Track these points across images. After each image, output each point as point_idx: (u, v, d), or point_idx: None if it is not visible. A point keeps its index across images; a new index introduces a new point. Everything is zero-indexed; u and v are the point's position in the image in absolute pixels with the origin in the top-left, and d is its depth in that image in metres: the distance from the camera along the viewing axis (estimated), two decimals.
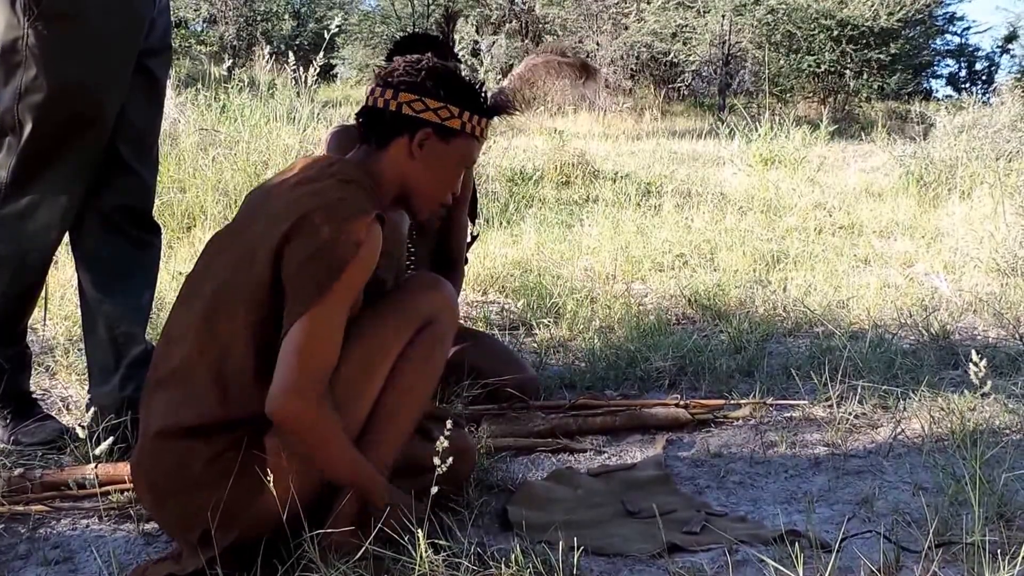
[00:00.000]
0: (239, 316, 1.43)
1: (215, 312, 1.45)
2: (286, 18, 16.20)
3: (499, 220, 4.88)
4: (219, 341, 1.43)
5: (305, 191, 1.48)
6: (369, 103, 1.59)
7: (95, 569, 1.57)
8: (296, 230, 1.42)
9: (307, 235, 1.41)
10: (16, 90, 1.87)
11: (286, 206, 1.46)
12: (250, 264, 1.44)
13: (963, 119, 6.52)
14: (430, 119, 1.56)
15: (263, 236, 1.45)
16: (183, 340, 1.47)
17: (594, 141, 8.64)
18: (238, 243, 1.50)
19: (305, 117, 5.06)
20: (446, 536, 1.54)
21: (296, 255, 1.41)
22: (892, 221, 5.09)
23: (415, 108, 1.56)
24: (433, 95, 1.56)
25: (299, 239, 1.41)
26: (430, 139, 1.57)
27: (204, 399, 1.42)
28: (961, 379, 2.45)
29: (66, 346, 2.66)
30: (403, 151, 1.57)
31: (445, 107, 1.57)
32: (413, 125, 1.56)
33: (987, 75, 15.66)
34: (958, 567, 1.50)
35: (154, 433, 1.45)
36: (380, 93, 1.57)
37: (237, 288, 1.45)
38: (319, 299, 1.39)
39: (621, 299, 3.32)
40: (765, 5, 12.52)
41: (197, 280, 1.53)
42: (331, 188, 1.48)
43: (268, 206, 1.51)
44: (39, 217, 1.95)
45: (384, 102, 1.56)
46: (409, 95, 1.55)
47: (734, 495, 1.89)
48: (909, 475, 1.95)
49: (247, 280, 1.44)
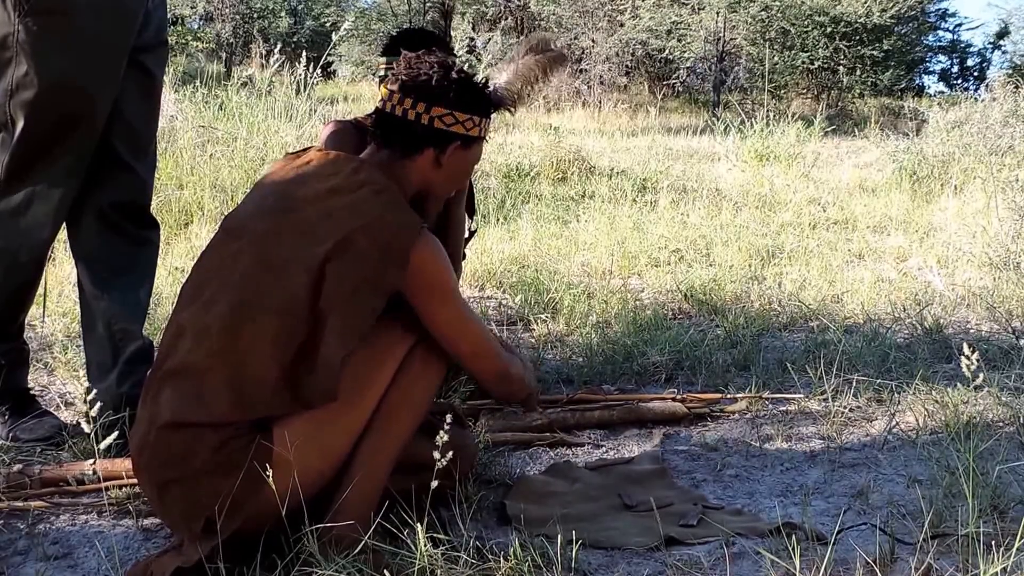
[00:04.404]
0: (266, 326, 1.42)
1: (239, 319, 1.44)
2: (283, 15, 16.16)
3: (496, 216, 4.88)
4: (240, 347, 1.43)
5: (340, 204, 1.49)
6: (396, 113, 1.59)
7: (94, 564, 1.58)
8: (338, 251, 1.44)
9: (353, 259, 1.44)
10: (7, 87, 1.86)
11: (320, 220, 1.47)
12: (281, 276, 1.44)
13: (956, 115, 6.54)
14: (458, 132, 1.60)
15: (296, 250, 1.45)
16: (199, 338, 1.45)
17: (590, 137, 8.64)
18: (262, 250, 1.48)
19: (303, 114, 5.06)
20: (445, 530, 1.55)
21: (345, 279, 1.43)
22: (886, 216, 5.11)
23: (446, 122, 1.59)
24: (462, 108, 1.60)
25: (344, 262, 1.44)
26: (457, 149, 1.61)
27: (216, 401, 1.42)
28: (955, 372, 2.47)
29: (64, 342, 2.65)
30: (430, 161, 1.60)
31: (471, 119, 1.61)
32: (444, 138, 1.60)
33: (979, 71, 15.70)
34: (953, 558, 1.51)
35: (161, 425, 1.44)
36: (411, 104, 1.58)
37: (265, 298, 1.44)
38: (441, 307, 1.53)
39: (618, 294, 3.33)
40: (759, 2, 12.54)
41: (211, 276, 1.51)
42: (367, 202, 1.49)
43: (295, 215, 1.50)
44: (32, 214, 1.94)
45: (415, 115, 1.58)
46: (441, 109, 1.58)
47: (731, 488, 1.91)
48: (904, 468, 1.96)
49: (277, 292, 1.44)
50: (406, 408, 1.54)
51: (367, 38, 14.78)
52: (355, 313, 1.44)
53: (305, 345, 1.42)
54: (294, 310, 1.43)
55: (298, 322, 1.43)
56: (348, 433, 1.50)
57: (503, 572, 1.43)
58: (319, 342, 1.42)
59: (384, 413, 1.52)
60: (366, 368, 1.50)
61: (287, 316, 1.43)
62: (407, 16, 13.44)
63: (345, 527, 1.45)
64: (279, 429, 1.43)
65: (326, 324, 1.42)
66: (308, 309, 1.43)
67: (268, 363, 1.42)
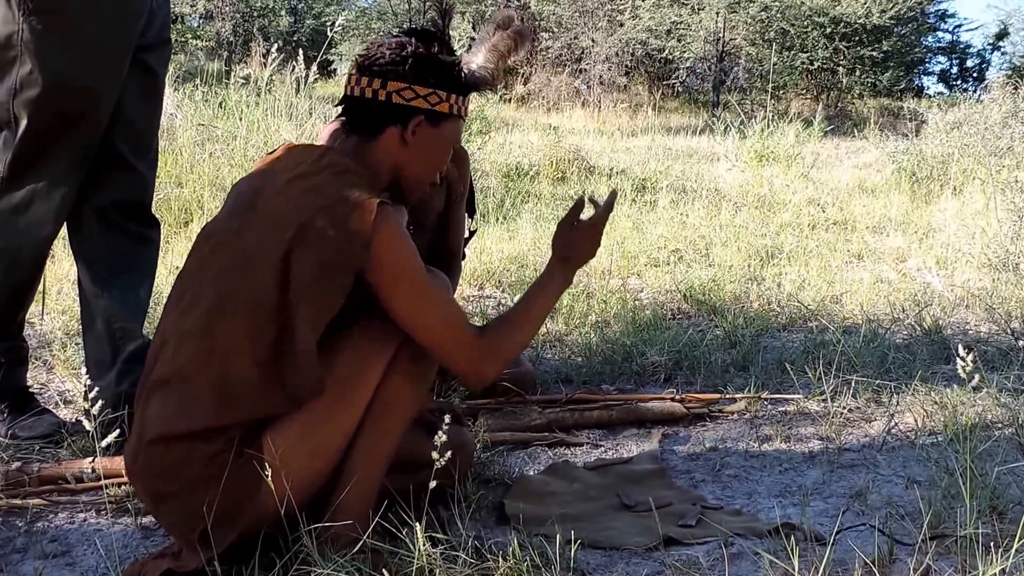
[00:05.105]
0: (239, 324, 1.41)
1: (215, 320, 1.42)
2: (283, 14, 16.16)
3: (495, 216, 4.89)
4: (219, 348, 1.41)
5: (301, 189, 1.46)
6: (355, 93, 1.56)
7: (93, 562, 1.58)
8: (300, 238, 1.41)
9: (315, 242, 1.41)
10: (11, 85, 1.87)
11: (283, 209, 1.44)
12: (248, 271, 1.43)
13: (955, 116, 6.55)
14: (421, 106, 1.55)
15: (261, 243, 1.43)
16: (180, 344, 1.44)
17: (589, 137, 8.65)
18: (232, 247, 1.47)
19: (302, 113, 5.06)
20: (444, 529, 1.55)
21: (308, 264, 1.40)
22: (885, 217, 5.11)
23: (405, 96, 1.54)
24: (422, 81, 1.54)
25: (306, 247, 1.41)
26: (421, 125, 1.56)
27: (201, 406, 1.40)
28: (953, 373, 2.47)
29: (63, 340, 2.65)
30: (395, 140, 1.56)
31: (434, 92, 1.55)
32: (404, 114, 1.55)
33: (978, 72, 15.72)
34: (951, 559, 1.51)
35: (150, 440, 1.42)
36: (367, 83, 1.55)
37: (236, 296, 1.43)
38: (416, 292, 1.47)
39: (617, 294, 3.33)
40: (759, 2, 12.55)
41: (190, 281, 1.50)
42: (328, 184, 1.46)
43: (262, 207, 1.48)
44: (33, 212, 1.94)
45: (372, 92, 1.54)
46: (398, 83, 1.53)
47: (729, 488, 1.91)
48: (902, 469, 1.96)
49: (247, 287, 1.42)
50: (399, 404, 1.53)
51: (367, 37, 14.78)
52: (323, 296, 1.41)
53: (280, 340, 1.40)
54: (264, 305, 1.41)
55: (269, 317, 1.40)
56: (342, 432, 1.48)
57: (502, 572, 1.43)
58: (296, 336, 1.40)
59: (377, 410, 1.51)
60: (357, 364, 1.48)
61: (257, 312, 1.41)
62: (407, 15, 13.45)
63: (343, 526, 1.45)
64: (271, 434, 1.41)
65: (298, 315, 1.40)
66: (277, 302, 1.40)
67: (248, 362, 1.40)
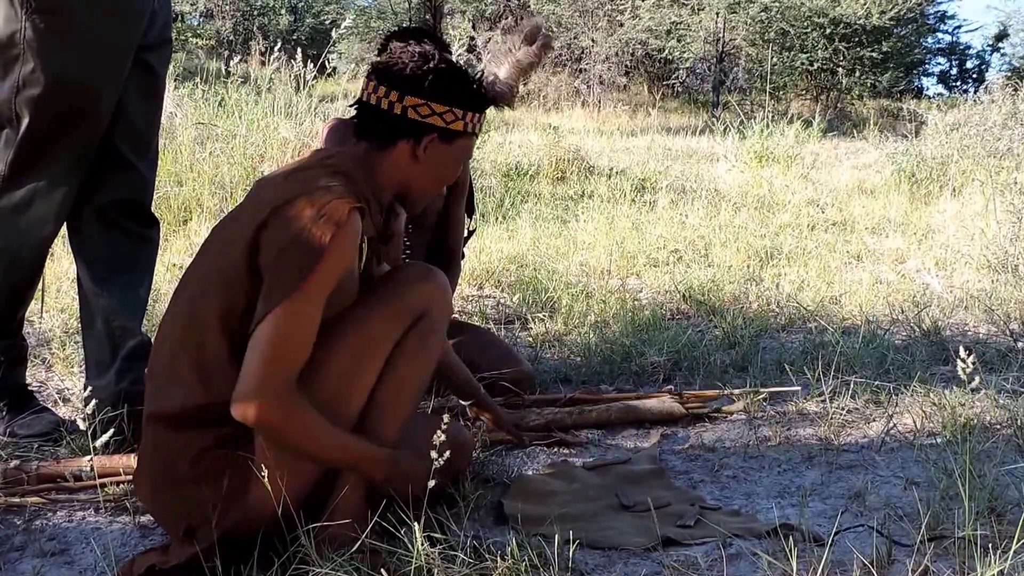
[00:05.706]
0: (213, 303, 1.42)
1: (195, 300, 1.45)
2: (283, 13, 16.17)
3: (495, 215, 4.89)
4: (198, 329, 1.43)
5: (293, 179, 1.47)
6: (371, 101, 1.53)
7: (91, 561, 1.58)
8: (273, 217, 1.39)
9: (284, 223, 1.38)
10: (14, 83, 1.87)
11: (272, 195, 1.45)
12: (229, 252, 1.43)
13: (954, 117, 6.55)
14: (436, 124, 1.52)
15: (242, 225, 1.44)
16: (170, 332, 1.48)
17: (589, 137, 8.65)
18: (221, 236, 1.50)
19: (302, 111, 5.06)
20: (442, 529, 1.55)
21: (273, 244, 1.38)
22: (884, 218, 5.11)
23: (421, 113, 1.50)
24: (439, 99, 1.51)
25: (275, 227, 1.39)
26: (434, 142, 1.53)
27: (185, 386, 1.43)
28: (952, 375, 2.47)
29: (63, 338, 2.65)
30: (406, 155, 1.53)
31: (450, 111, 1.52)
32: (418, 130, 1.51)
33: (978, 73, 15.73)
34: (949, 561, 1.51)
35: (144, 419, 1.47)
36: (384, 93, 1.51)
37: (214, 275, 1.44)
38: (292, 293, 1.35)
39: (616, 294, 3.33)
40: (759, 3, 12.57)
41: (188, 271, 1.54)
42: (317, 177, 1.45)
43: (254, 195, 1.50)
44: (34, 211, 1.95)
45: (388, 104, 1.50)
46: (415, 99, 1.50)
47: (728, 489, 1.91)
48: (901, 470, 1.96)
49: (222, 267, 1.43)
50: (401, 396, 1.53)
51: (367, 36, 14.80)
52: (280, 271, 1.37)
53: (247, 315, 1.39)
54: (235, 281, 1.41)
55: (239, 292, 1.40)
56: (343, 425, 1.47)
57: (500, 571, 1.43)
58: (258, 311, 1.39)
59: (378, 402, 1.51)
60: (357, 357, 1.48)
61: (229, 288, 1.41)
62: (407, 14, 13.44)
63: (341, 526, 1.45)
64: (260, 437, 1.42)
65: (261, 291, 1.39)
66: (246, 278, 1.40)
67: (219, 337, 1.41)
